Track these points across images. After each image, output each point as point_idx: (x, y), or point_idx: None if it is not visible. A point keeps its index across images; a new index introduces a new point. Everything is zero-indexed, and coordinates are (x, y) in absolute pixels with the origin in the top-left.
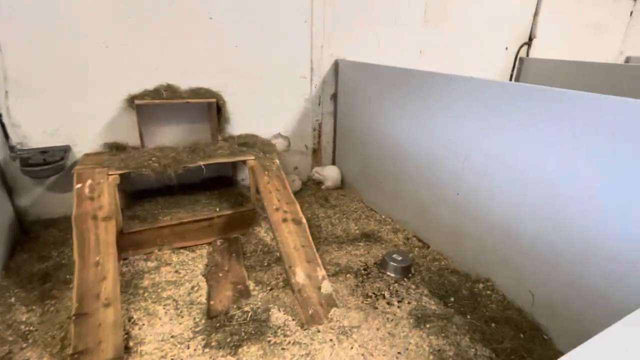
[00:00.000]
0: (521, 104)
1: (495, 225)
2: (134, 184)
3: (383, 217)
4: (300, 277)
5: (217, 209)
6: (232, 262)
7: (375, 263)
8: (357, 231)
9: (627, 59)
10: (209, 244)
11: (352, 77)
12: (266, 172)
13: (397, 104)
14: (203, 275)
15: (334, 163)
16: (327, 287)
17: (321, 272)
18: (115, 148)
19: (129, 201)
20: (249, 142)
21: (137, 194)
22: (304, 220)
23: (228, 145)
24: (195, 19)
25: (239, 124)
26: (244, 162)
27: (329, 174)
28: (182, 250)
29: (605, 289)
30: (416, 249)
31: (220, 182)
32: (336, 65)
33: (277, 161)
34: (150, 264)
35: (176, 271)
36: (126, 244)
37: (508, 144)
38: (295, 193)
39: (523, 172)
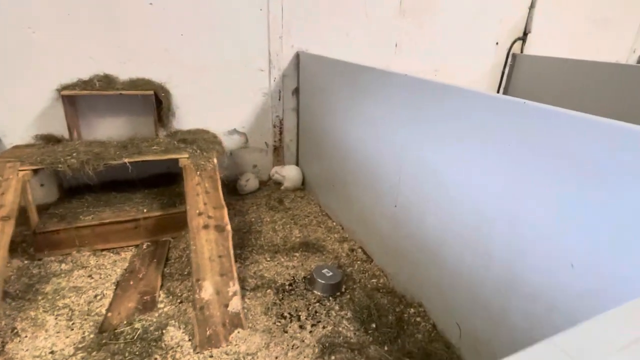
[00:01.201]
0: (454, 109)
1: (427, 245)
2: (76, 179)
3: (334, 224)
4: (207, 292)
5: (145, 210)
6: (150, 268)
7: (304, 277)
8: (299, 239)
9: None
10: (137, 246)
11: (313, 71)
12: (198, 172)
13: (350, 102)
14: (116, 282)
15: (297, 162)
16: (236, 304)
17: (234, 287)
18: (49, 140)
19: (62, 197)
20: (188, 139)
21: (75, 190)
22: (229, 227)
23: (167, 141)
24: (134, 5)
25: (188, 118)
26: (177, 160)
27: (288, 174)
28: (104, 253)
29: (528, 329)
30: (358, 262)
31: (170, 180)
32: (297, 57)
33: (215, 160)
34: (65, 267)
35: (89, 276)
36: (41, 244)
37: (440, 154)
38: (251, 193)
39: (453, 188)
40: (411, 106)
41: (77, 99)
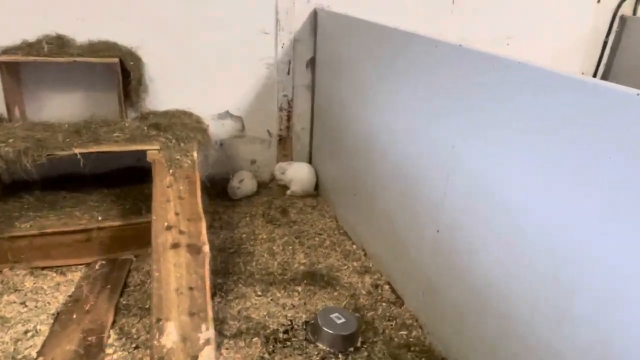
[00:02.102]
0: (534, 102)
1: (481, 291)
2: (16, 173)
3: (354, 247)
4: (169, 337)
5: (100, 218)
6: (102, 297)
7: (305, 322)
8: (303, 267)
9: None
10: (87, 265)
11: (336, 36)
12: (171, 171)
13: (385, 82)
14: (55, 314)
15: (310, 159)
16: (209, 356)
17: (207, 332)
18: None
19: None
20: (162, 124)
21: (19, 187)
22: (206, 248)
23: (135, 126)
24: None
25: (165, 96)
26: (144, 153)
27: (296, 174)
28: (45, 272)
29: None
30: (383, 304)
31: (140, 176)
32: (315, 17)
33: (195, 154)
34: None
35: (22, 303)
36: None
37: (508, 164)
38: (246, 199)
39: (522, 214)
40: (468, 92)
41: (19, 67)
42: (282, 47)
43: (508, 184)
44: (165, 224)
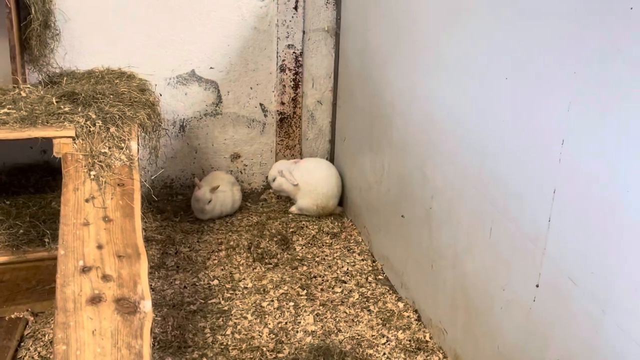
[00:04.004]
0: None
1: None
2: None
3: (401, 305)
4: None
5: None
6: None
7: None
8: (313, 338)
9: None
10: None
11: None
12: (93, 173)
13: (465, 30)
14: None
15: (332, 155)
16: None
17: None
18: None
19: None
20: (82, 93)
21: None
22: (147, 306)
23: (38, 96)
24: None
25: (90, 47)
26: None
27: (307, 180)
28: None
29: None
30: None
31: (48, 179)
32: None
33: (134, 145)
34: None
35: None
36: None
37: None
38: (221, 219)
39: None
40: (591, 49)
41: None
42: None
43: None
44: (80, 262)
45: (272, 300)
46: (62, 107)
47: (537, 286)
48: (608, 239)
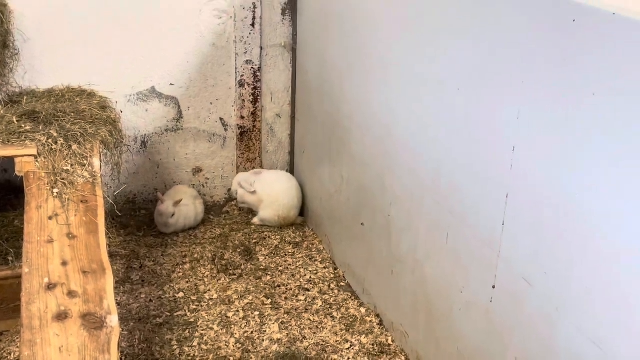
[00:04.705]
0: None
1: None
2: None
3: (364, 310)
4: None
5: None
6: None
7: None
8: (278, 346)
9: None
10: None
11: None
12: (56, 190)
13: (421, 39)
14: None
15: (291, 166)
16: None
17: None
18: None
19: None
20: (42, 112)
21: None
22: (114, 320)
23: None
24: None
25: (50, 66)
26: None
27: (269, 191)
28: None
29: None
30: None
31: (10, 194)
32: None
33: (97, 162)
34: None
35: None
36: None
37: (600, 179)
38: (185, 232)
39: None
40: (538, 58)
41: None
42: None
43: (607, 217)
44: (46, 280)
45: (238, 310)
46: (23, 125)
47: (494, 287)
48: (559, 241)
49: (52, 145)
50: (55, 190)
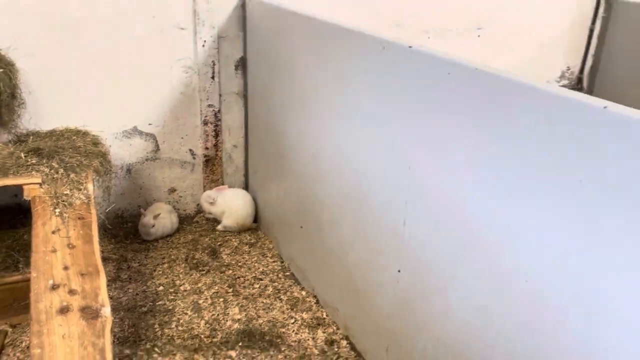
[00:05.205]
0: (492, 110)
1: (456, 345)
2: None
3: (304, 293)
4: None
5: None
6: None
7: None
8: (239, 324)
9: None
10: None
11: (270, 31)
12: (58, 210)
13: (331, 89)
14: None
15: (246, 185)
16: None
17: None
18: None
19: None
20: (45, 148)
21: None
22: (107, 311)
23: (8, 152)
24: None
25: (50, 111)
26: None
27: (229, 204)
28: None
29: None
30: None
31: (19, 217)
32: (243, 8)
33: (91, 186)
34: None
35: None
36: None
37: (475, 185)
38: (164, 238)
39: (496, 243)
40: (422, 99)
41: None
42: (204, 46)
43: (490, 220)
44: (50, 282)
45: (206, 298)
46: (29, 160)
47: (399, 271)
48: (447, 233)
49: (53, 174)
50: (57, 210)
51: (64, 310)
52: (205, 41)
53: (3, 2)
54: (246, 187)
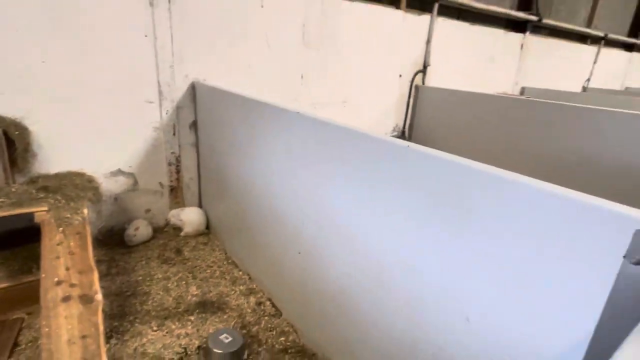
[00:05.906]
0: (337, 150)
1: (334, 297)
2: None
3: (241, 273)
4: None
5: None
6: None
7: (198, 347)
8: (196, 298)
9: (522, 90)
10: None
11: (211, 104)
12: (61, 229)
13: (251, 139)
14: None
15: (200, 204)
16: None
17: None
18: None
19: None
20: (51, 186)
21: None
22: (99, 297)
23: (23, 190)
24: None
25: (56, 159)
26: (32, 215)
27: (188, 217)
28: None
29: None
30: (266, 318)
31: (31, 236)
32: (193, 89)
33: (85, 211)
34: None
35: None
36: None
37: (335, 198)
38: (143, 244)
39: (350, 233)
40: (304, 146)
41: None
42: (167, 113)
43: (346, 217)
44: (56, 279)
45: (173, 282)
46: (39, 195)
47: (299, 253)
48: (329, 230)
49: (57, 204)
50: (60, 229)
51: (66, 299)
52: (167, 110)
53: (17, 86)
54: (200, 205)
